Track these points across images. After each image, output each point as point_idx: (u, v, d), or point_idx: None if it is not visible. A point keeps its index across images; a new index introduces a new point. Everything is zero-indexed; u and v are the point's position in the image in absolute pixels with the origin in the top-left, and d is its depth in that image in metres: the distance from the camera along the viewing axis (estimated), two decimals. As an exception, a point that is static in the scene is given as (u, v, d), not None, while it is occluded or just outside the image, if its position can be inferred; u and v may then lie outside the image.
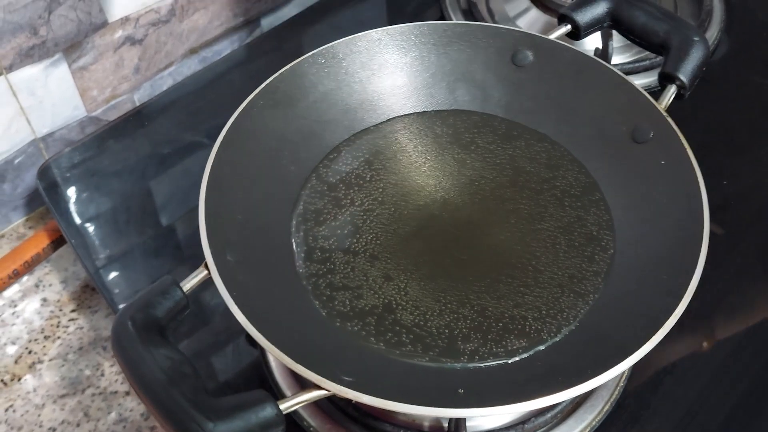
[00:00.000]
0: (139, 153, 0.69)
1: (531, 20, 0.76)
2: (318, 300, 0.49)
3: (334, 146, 0.58)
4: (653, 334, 0.41)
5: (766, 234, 0.62)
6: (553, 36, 0.58)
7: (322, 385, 0.40)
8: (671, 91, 0.53)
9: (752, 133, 0.69)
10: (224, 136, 0.51)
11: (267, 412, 0.38)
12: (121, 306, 0.47)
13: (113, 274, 0.61)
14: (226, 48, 0.79)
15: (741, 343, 0.55)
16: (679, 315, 0.42)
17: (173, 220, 0.65)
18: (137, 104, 0.74)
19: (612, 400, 0.52)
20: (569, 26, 0.58)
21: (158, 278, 0.45)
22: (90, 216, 0.65)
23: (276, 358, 0.41)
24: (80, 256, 0.62)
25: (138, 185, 0.67)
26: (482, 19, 0.75)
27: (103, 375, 0.59)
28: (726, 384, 0.53)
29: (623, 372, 0.52)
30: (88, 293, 0.64)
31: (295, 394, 0.40)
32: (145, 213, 0.66)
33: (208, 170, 0.49)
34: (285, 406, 0.39)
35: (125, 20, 0.68)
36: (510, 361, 0.47)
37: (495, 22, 0.76)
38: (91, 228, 0.64)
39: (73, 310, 0.63)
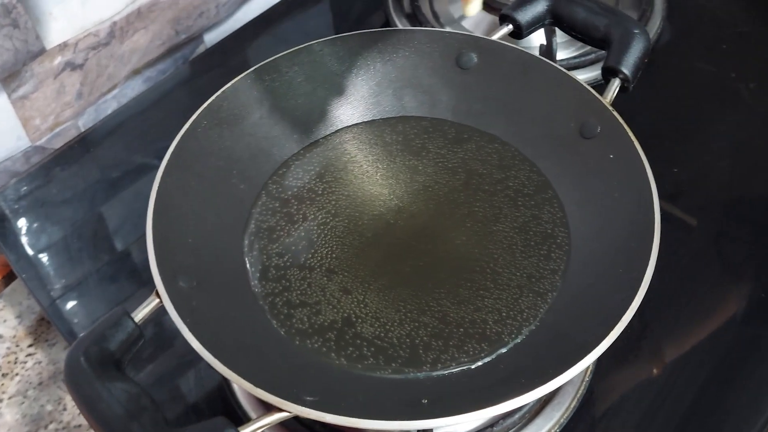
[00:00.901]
0: (88, 179, 0.68)
1: (476, 21, 0.76)
2: (275, 319, 0.49)
3: (283, 161, 0.57)
4: (611, 329, 0.41)
5: (720, 218, 0.63)
6: (495, 36, 0.58)
7: (284, 407, 0.39)
8: (615, 85, 0.54)
9: (699, 119, 0.69)
10: (168, 159, 0.51)
11: (227, 439, 0.37)
12: (80, 337, 0.47)
13: (69, 305, 0.60)
14: (169, 66, 0.78)
15: (702, 329, 0.56)
16: (636, 308, 0.42)
17: (128, 244, 0.64)
18: (82, 130, 0.73)
19: (578, 396, 0.52)
20: (511, 26, 0.58)
21: (117, 305, 0.44)
22: (41, 247, 0.64)
23: (235, 382, 0.41)
24: (32, 289, 0.61)
25: (89, 212, 0.66)
26: (427, 22, 0.75)
27: (65, 409, 0.58)
28: (690, 371, 0.54)
29: (587, 367, 0.52)
30: (45, 326, 0.63)
31: (257, 418, 0.40)
32: (98, 239, 0.64)
33: (154, 195, 0.48)
34: (246, 432, 0.38)
35: (64, 46, 0.67)
36: (473, 367, 0.46)
37: (441, 25, 0.76)
38: (43, 259, 0.63)
39: (30, 345, 0.62)
